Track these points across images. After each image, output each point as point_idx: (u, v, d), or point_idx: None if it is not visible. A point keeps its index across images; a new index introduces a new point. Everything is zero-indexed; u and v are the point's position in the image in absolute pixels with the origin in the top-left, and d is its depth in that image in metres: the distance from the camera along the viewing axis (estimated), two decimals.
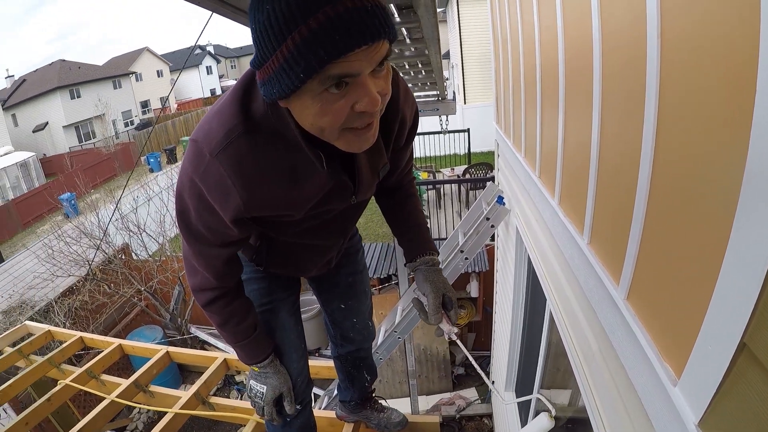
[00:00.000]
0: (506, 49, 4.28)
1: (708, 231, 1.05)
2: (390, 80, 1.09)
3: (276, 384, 1.81)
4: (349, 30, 0.91)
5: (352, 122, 1.06)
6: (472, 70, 18.44)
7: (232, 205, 1.24)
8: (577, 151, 2.16)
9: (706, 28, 1.04)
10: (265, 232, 1.59)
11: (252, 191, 1.23)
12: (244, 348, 1.75)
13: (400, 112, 1.39)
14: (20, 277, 11.33)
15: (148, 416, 8.90)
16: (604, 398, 1.92)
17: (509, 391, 5.54)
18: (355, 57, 0.94)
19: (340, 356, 2.38)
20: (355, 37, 0.92)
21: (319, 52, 0.92)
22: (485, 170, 11.57)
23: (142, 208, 11.64)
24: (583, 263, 2.00)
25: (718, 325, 0.99)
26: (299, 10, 0.90)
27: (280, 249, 1.68)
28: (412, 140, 1.61)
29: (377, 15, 0.95)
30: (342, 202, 1.48)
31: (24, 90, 40.09)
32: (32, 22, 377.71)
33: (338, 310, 2.18)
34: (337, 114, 1.03)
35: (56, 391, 3.29)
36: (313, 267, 1.87)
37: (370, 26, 0.93)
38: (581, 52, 1.95)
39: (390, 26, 0.99)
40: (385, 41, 0.98)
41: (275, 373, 1.81)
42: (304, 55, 0.92)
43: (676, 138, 1.19)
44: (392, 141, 1.46)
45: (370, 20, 0.93)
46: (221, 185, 1.20)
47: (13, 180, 28.38)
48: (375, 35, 0.94)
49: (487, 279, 7.87)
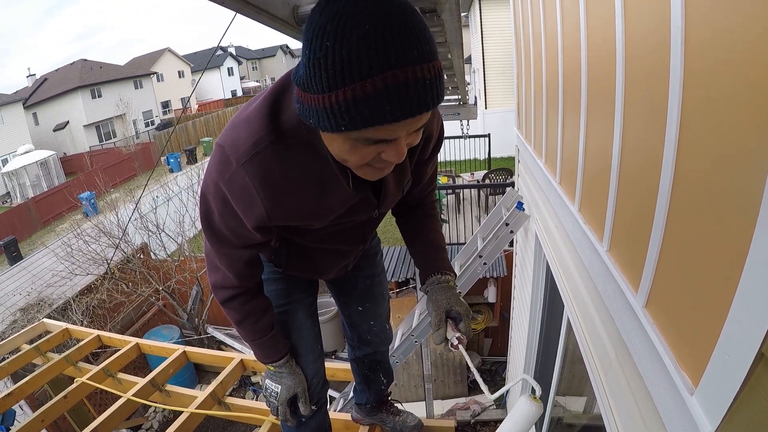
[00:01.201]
0: (528, 54, 4.28)
1: (729, 240, 1.04)
2: (421, 133, 1.08)
3: (291, 384, 1.81)
4: (402, 104, 0.89)
5: (374, 163, 1.07)
6: (493, 75, 18.37)
7: (256, 213, 1.25)
8: (598, 157, 2.16)
9: (730, 35, 1.04)
10: (287, 237, 1.60)
11: (276, 201, 1.24)
12: (261, 346, 1.77)
13: (427, 128, 1.37)
14: (39, 275, 11.43)
15: (164, 415, 8.95)
16: (620, 406, 1.91)
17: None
18: (397, 125, 0.94)
19: (357, 359, 2.38)
20: (406, 111, 0.90)
21: (365, 116, 0.90)
22: (505, 176, 11.52)
23: (162, 208, 11.71)
24: (602, 270, 1.99)
25: (737, 334, 0.99)
26: (360, 66, 0.86)
27: (300, 252, 1.69)
28: (435, 155, 1.60)
29: (435, 87, 0.92)
30: (364, 215, 1.49)
31: (45, 89, 40.61)
32: (54, 22, 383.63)
33: (356, 313, 2.18)
34: (363, 157, 1.04)
35: (73, 388, 3.30)
36: (332, 270, 1.87)
37: (423, 101, 0.91)
38: (604, 58, 1.95)
39: (442, 96, 0.96)
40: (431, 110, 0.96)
41: (290, 374, 1.82)
42: (350, 112, 0.90)
43: (699, 145, 1.19)
44: (416, 154, 1.46)
45: (426, 95, 0.91)
46: (246, 193, 1.21)
47: (33, 178, 28.76)
48: (425, 108, 0.93)
49: (505, 284, 7.83)
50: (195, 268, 10.40)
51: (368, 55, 0.85)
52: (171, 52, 51.88)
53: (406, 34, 0.87)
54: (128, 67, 46.92)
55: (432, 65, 0.91)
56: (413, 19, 0.90)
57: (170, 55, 51.81)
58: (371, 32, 0.85)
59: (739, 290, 0.97)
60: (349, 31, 0.85)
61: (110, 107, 40.31)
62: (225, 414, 3.04)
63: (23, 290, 10.85)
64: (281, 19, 1.26)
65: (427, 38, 0.91)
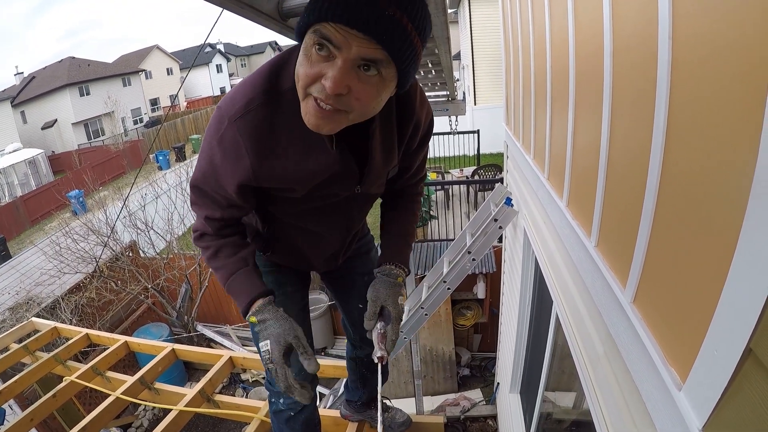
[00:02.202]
0: (517, 48, 4.28)
1: (717, 235, 1.04)
2: (373, 93, 1.15)
3: (279, 332, 1.44)
4: (352, 8, 1.01)
5: (315, 90, 1.13)
6: (482, 72, 18.39)
7: (242, 169, 1.32)
8: (586, 153, 2.16)
9: (719, 29, 1.04)
10: (269, 212, 1.62)
11: (262, 158, 1.31)
12: (239, 284, 1.54)
13: (416, 115, 1.47)
14: (27, 274, 11.34)
15: (154, 413, 8.92)
16: (609, 401, 1.92)
17: (514, 393, 5.54)
18: (345, 32, 1.03)
19: (357, 358, 2.36)
20: (352, 15, 1.01)
21: (323, 7, 1.03)
22: (494, 172, 11.53)
23: (150, 205, 11.65)
24: (590, 266, 1.99)
25: (725, 330, 0.99)
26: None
27: (284, 233, 1.70)
28: (424, 146, 1.66)
29: (390, 21, 1.03)
30: (346, 189, 1.51)
31: (33, 87, 40.28)
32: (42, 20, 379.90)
33: (357, 310, 2.14)
34: (308, 73, 1.12)
35: (62, 387, 3.30)
36: (319, 259, 1.86)
37: (371, 21, 1.02)
38: (592, 53, 1.95)
39: (398, 44, 1.07)
40: (381, 50, 1.06)
41: (275, 320, 1.47)
42: (317, 5, 1.04)
43: (686, 141, 1.19)
44: (405, 141, 1.52)
45: (374, 16, 1.02)
46: (234, 149, 1.29)
47: (21, 177, 28.54)
48: (370, 31, 1.03)
49: (494, 280, 7.85)
50: (184, 265, 10.38)
51: None
52: (159, 49, 51.55)
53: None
54: (116, 64, 46.55)
55: (396, 8, 1.04)
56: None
57: (158, 53, 51.52)
58: None
59: (727, 285, 0.97)
60: None
61: (99, 105, 40.04)
62: (214, 412, 3.04)
63: (12, 289, 10.76)
64: (266, 13, 1.26)
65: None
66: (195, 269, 10.29)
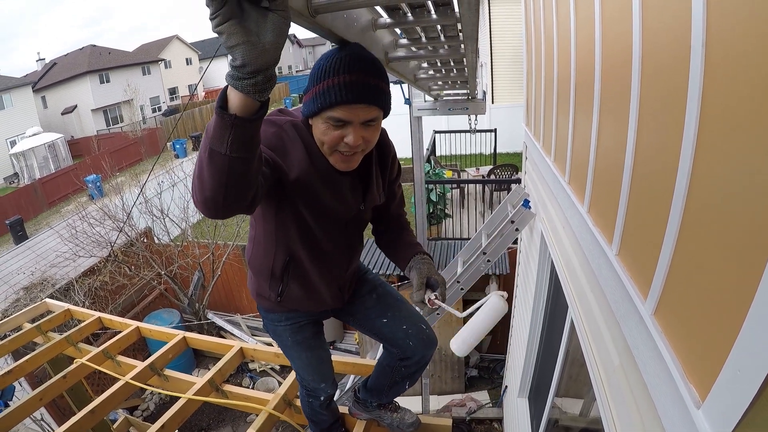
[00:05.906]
0: (539, 48, 4.23)
1: (746, 249, 1.00)
2: (376, 134, 1.59)
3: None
4: (352, 92, 1.43)
5: (340, 148, 1.54)
6: (501, 70, 18.23)
7: (299, 152, 1.60)
8: (610, 158, 2.11)
9: (756, 28, 0.99)
10: (288, 246, 1.82)
11: (287, 149, 1.59)
12: (215, 129, 1.13)
13: (391, 150, 1.95)
14: (43, 255, 11.53)
15: (161, 398, 9.01)
16: (622, 414, 1.88)
17: (522, 397, 5.50)
18: (351, 109, 1.45)
19: (395, 367, 2.30)
20: (353, 96, 1.43)
21: (331, 98, 1.43)
22: (510, 172, 11.43)
23: (167, 193, 11.69)
24: (610, 274, 1.96)
25: (750, 349, 0.95)
26: (334, 70, 1.43)
27: (298, 269, 1.89)
28: (398, 178, 2.07)
29: (377, 90, 1.47)
30: (351, 205, 1.81)
31: (54, 73, 40.87)
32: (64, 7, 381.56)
33: (384, 326, 2.18)
34: (332, 139, 1.53)
35: (72, 369, 3.34)
36: (328, 292, 2.02)
37: (368, 95, 1.45)
38: (619, 53, 1.91)
39: (385, 103, 1.52)
40: (377, 109, 1.50)
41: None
42: (323, 95, 1.45)
43: (719, 147, 1.14)
44: (387, 170, 1.94)
45: (370, 92, 1.46)
46: (292, 141, 1.60)
47: (40, 160, 28.90)
48: (369, 101, 1.46)
49: (508, 282, 7.78)
50: (198, 253, 10.48)
51: (338, 65, 1.44)
52: (179, 39, 52.15)
53: (363, 62, 1.46)
54: (136, 53, 47.13)
55: (379, 80, 1.48)
56: (373, 59, 1.51)
57: (178, 43, 52.14)
58: (344, 57, 1.45)
59: (755, 303, 0.94)
60: (332, 57, 1.47)
61: (118, 92, 40.65)
62: (223, 401, 3.04)
63: (27, 269, 10.94)
64: (295, 9, 1.23)
65: (378, 68, 1.50)
66: (208, 258, 10.36)
